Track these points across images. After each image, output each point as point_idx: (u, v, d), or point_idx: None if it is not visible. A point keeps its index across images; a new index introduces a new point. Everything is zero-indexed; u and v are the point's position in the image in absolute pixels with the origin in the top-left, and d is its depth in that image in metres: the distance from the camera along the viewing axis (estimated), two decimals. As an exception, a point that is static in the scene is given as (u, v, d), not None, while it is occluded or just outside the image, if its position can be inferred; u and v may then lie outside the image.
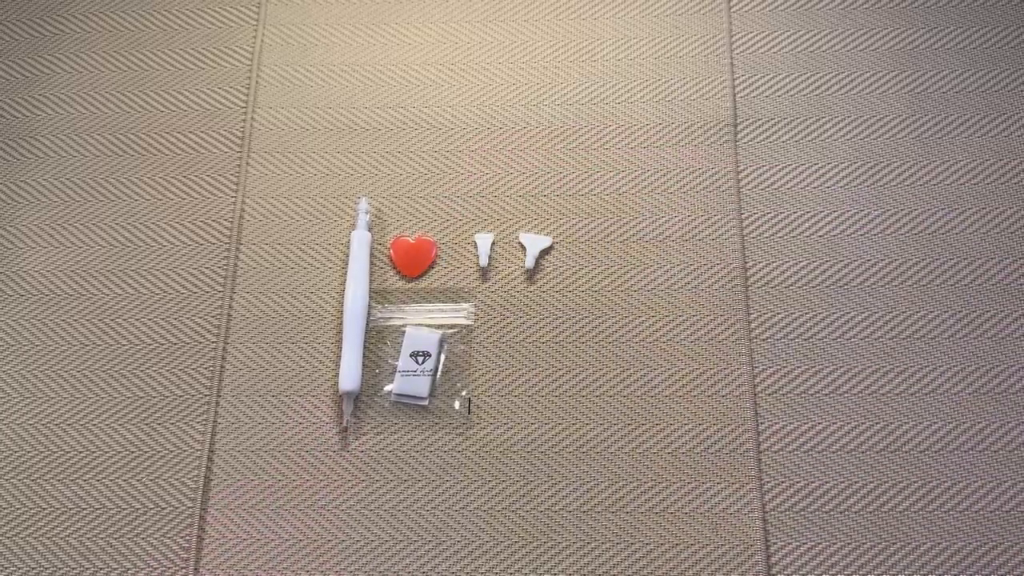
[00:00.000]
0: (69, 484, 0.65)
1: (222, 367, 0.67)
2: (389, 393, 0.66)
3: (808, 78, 0.74)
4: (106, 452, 0.66)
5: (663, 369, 0.66)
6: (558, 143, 0.73)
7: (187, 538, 0.63)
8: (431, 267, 0.69)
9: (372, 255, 0.70)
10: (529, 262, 0.69)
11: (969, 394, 0.64)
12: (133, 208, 0.73)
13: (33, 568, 0.63)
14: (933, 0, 0.76)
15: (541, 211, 0.71)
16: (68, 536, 0.64)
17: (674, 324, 0.67)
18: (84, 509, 0.64)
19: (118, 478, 0.65)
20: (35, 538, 0.64)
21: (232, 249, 0.71)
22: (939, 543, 0.61)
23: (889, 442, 0.63)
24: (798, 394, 0.65)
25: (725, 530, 0.62)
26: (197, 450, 0.65)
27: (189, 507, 0.64)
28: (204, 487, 0.64)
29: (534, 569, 0.61)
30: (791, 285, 0.68)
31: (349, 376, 0.65)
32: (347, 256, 0.70)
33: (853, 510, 0.62)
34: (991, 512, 0.61)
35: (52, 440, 0.66)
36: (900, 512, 0.62)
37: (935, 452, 0.63)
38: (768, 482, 0.63)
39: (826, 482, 0.63)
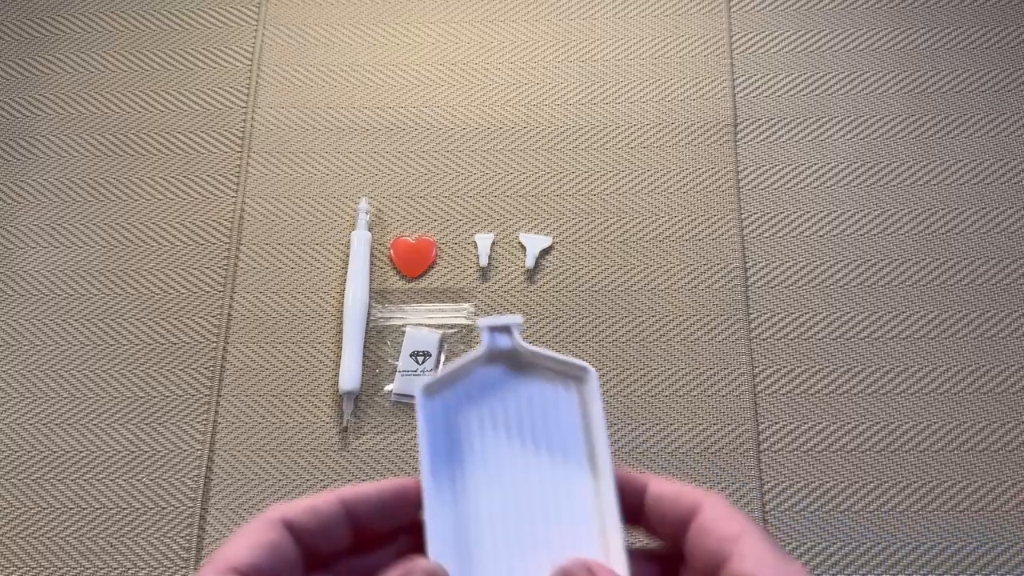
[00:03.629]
0: (69, 484, 0.65)
1: (222, 367, 0.67)
2: (389, 393, 0.66)
3: (808, 78, 0.74)
4: (106, 452, 0.66)
5: (663, 369, 0.66)
6: (558, 143, 0.73)
7: (187, 538, 0.63)
8: (431, 267, 0.69)
9: (372, 255, 0.70)
10: (529, 262, 0.69)
11: (969, 394, 0.64)
12: (133, 208, 0.73)
13: (33, 568, 0.63)
14: None
15: (541, 211, 0.71)
16: (68, 536, 0.64)
17: (674, 324, 0.67)
18: (84, 509, 0.64)
19: (118, 478, 0.65)
20: (35, 538, 0.64)
21: (232, 249, 0.71)
22: (939, 543, 0.61)
23: (889, 442, 0.63)
24: (798, 394, 0.65)
25: (725, 530, 0.61)
26: (197, 450, 0.65)
27: (189, 507, 0.64)
28: (204, 487, 0.64)
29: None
30: (791, 285, 0.68)
31: (349, 376, 0.65)
32: (347, 256, 0.70)
33: (853, 510, 0.62)
34: (991, 512, 0.61)
35: (52, 440, 0.66)
36: (900, 512, 0.62)
37: (935, 452, 0.63)
38: (768, 482, 0.63)
39: (826, 482, 0.63)
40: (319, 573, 0.32)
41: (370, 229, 0.70)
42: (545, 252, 0.70)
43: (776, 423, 0.64)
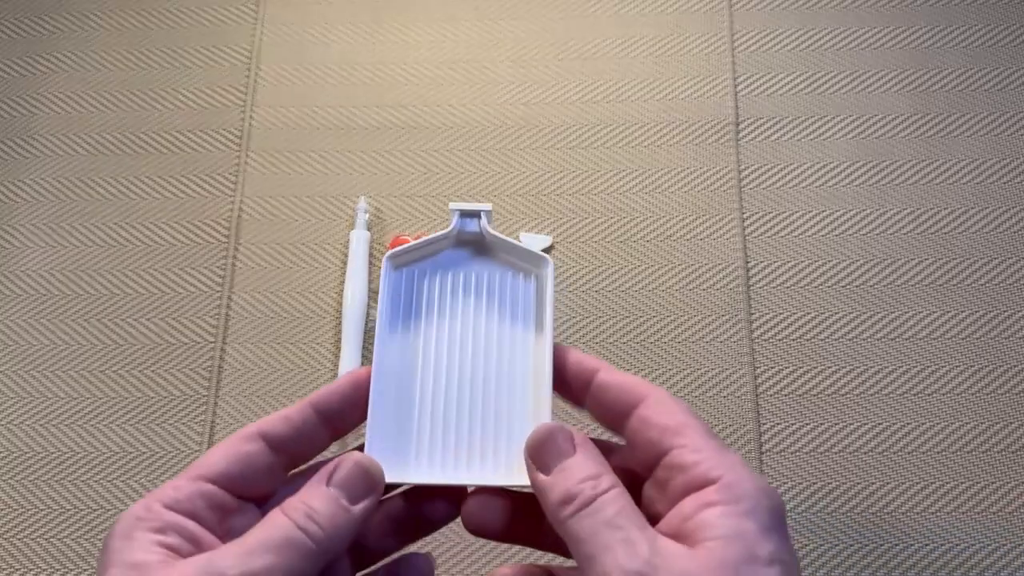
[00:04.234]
0: (67, 485, 0.65)
1: (220, 367, 0.67)
2: (388, 394, 0.66)
3: (810, 77, 0.73)
4: (103, 452, 0.65)
5: (664, 370, 0.66)
6: (558, 142, 0.72)
7: (185, 539, 0.63)
8: (430, 267, 0.69)
9: (371, 254, 0.69)
10: (529, 262, 0.69)
11: (972, 394, 0.64)
12: (130, 207, 0.72)
13: (30, 569, 0.63)
14: (936, -2, 0.75)
15: (541, 211, 0.70)
16: (66, 537, 0.63)
17: (675, 324, 0.67)
18: (82, 510, 0.64)
19: (116, 479, 0.65)
20: (33, 539, 0.63)
21: (230, 249, 0.70)
22: (943, 544, 0.60)
23: (893, 443, 0.63)
24: (800, 395, 0.64)
25: (726, 532, 0.61)
26: (195, 451, 0.65)
27: (187, 508, 0.64)
28: (202, 488, 0.64)
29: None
30: (793, 285, 0.67)
31: (348, 376, 0.65)
32: (346, 255, 0.69)
33: (856, 511, 0.61)
34: (994, 514, 0.61)
35: (49, 440, 0.66)
36: (903, 513, 0.61)
37: (937, 453, 0.63)
38: (770, 484, 0.62)
39: (828, 483, 0.62)
40: (301, 479, 0.34)
41: (369, 228, 0.70)
42: (545, 252, 0.69)
43: (778, 424, 0.64)
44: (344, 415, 0.36)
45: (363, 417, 0.36)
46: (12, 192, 0.73)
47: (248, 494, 0.34)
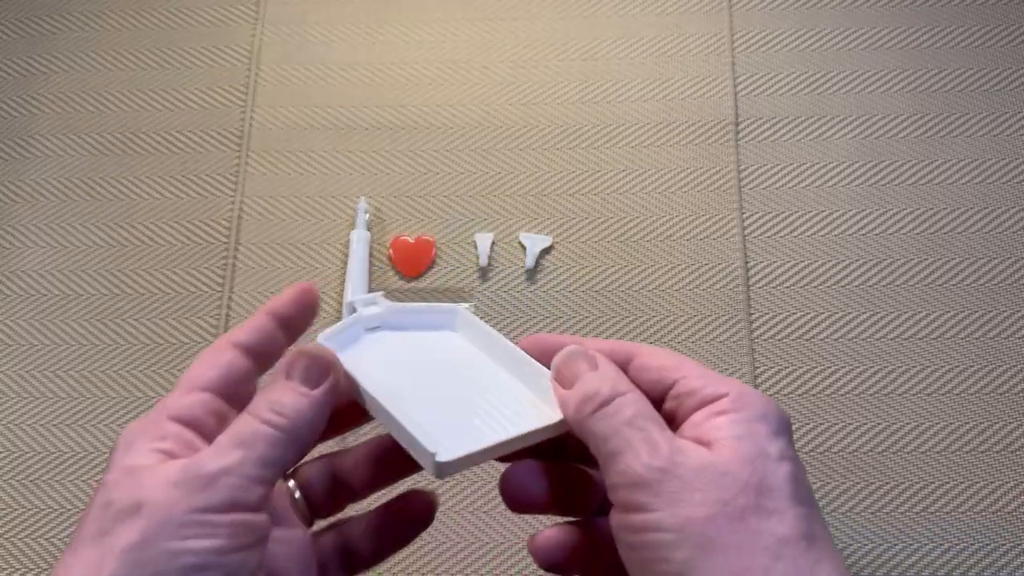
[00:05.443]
0: (67, 485, 0.65)
1: (220, 367, 0.67)
2: (388, 394, 0.66)
3: (810, 76, 0.73)
4: (104, 453, 0.65)
5: (664, 369, 0.66)
6: (558, 142, 0.72)
7: (185, 539, 0.63)
8: (431, 267, 0.69)
9: (371, 255, 0.69)
10: (529, 262, 0.69)
11: (972, 394, 0.64)
12: (131, 207, 0.72)
13: (31, 569, 0.63)
14: (936, -2, 0.75)
15: (541, 211, 0.70)
16: (66, 537, 0.63)
17: (675, 324, 0.67)
18: (82, 510, 0.64)
19: (116, 479, 0.65)
20: (33, 539, 0.63)
21: (230, 249, 0.70)
22: (942, 544, 0.60)
23: (893, 442, 0.63)
24: (800, 395, 0.64)
25: (726, 532, 0.61)
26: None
27: (187, 508, 0.64)
28: (202, 488, 0.64)
29: (535, 570, 0.61)
30: (793, 285, 0.67)
31: (348, 376, 0.65)
32: (346, 256, 0.69)
33: (856, 511, 0.62)
34: (993, 513, 0.61)
35: (49, 441, 0.66)
36: (902, 513, 0.61)
37: (937, 453, 0.63)
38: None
39: (827, 483, 0.62)
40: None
41: (369, 228, 0.70)
42: (545, 252, 0.69)
43: (778, 424, 0.64)
44: (296, 319, 0.38)
45: (310, 319, 0.39)
46: (12, 192, 0.73)
47: (234, 399, 0.36)
